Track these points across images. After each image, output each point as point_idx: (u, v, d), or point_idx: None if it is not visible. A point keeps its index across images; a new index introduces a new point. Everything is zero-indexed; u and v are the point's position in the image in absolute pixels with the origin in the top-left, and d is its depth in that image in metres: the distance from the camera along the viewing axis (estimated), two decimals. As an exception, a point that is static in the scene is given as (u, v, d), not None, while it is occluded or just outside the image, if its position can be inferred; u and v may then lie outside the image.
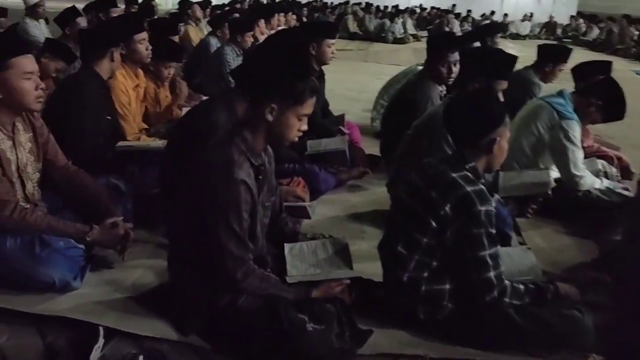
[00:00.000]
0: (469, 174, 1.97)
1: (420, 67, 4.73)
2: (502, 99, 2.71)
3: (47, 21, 6.40)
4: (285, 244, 2.22)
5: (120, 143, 3.09)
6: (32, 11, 6.08)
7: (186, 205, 1.99)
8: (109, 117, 3.17)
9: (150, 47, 3.51)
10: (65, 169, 2.47)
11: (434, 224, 1.97)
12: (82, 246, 2.26)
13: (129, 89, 3.44)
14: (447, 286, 2.02)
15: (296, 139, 1.94)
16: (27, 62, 2.13)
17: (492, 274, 1.93)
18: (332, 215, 3.21)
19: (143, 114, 3.75)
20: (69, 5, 5.25)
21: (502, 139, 2.00)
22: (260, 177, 1.98)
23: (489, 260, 1.93)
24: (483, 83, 2.84)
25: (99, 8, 5.96)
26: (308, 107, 1.87)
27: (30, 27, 5.97)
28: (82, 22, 5.09)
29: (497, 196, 2.67)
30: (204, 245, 1.90)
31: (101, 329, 1.96)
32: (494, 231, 1.94)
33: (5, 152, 2.18)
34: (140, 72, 3.64)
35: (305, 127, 1.91)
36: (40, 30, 6.03)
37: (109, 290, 2.27)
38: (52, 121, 2.51)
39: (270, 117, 1.86)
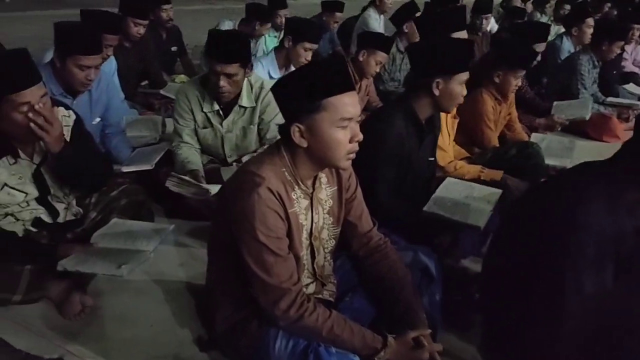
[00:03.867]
0: None
1: None
2: None
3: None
4: None
5: (430, 204, 2.26)
6: (380, 2, 5.79)
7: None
8: (431, 159, 2.42)
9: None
10: (368, 238, 1.82)
11: None
12: (367, 366, 1.56)
13: None
14: None
15: None
16: (349, 103, 1.49)
17: None
18: None
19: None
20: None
21: None
22: None
23: None
24: None
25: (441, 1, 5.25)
26: None
27: (372, 19, 5.71)
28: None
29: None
30: None
31: None
32: None
33: (298, 216, 1.61)
34: None
35: None
36: (379, 25, 5.74)
37: None
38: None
39: None
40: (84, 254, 1.93)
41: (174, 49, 4.74)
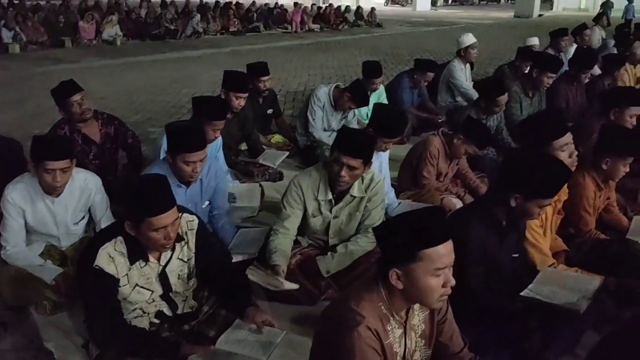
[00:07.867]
0: None
1: None
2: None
3: (472, 66, 6.11)
4: None
5: (527, 291, 2.34)
6: (465, 53, 5.84)
7: None
8: (515, 256, 2.44)
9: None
10: (459, 358, 1.91)
11: None
12: None
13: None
14: None
15: None
16: (444, 254, 1.60)
17: None
18: None
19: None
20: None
21: None
22: None
23: None
24: None
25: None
26: None
27: (457, 69, 5.77)
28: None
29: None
30: None
31: None
32: None
33: (392, 346, 1.74)
34: None
35: None
36: (464, 76, 5.77)
37: None
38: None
39: None
40: (206, 354, 2.19)
41: (269, 111, 5.05)
